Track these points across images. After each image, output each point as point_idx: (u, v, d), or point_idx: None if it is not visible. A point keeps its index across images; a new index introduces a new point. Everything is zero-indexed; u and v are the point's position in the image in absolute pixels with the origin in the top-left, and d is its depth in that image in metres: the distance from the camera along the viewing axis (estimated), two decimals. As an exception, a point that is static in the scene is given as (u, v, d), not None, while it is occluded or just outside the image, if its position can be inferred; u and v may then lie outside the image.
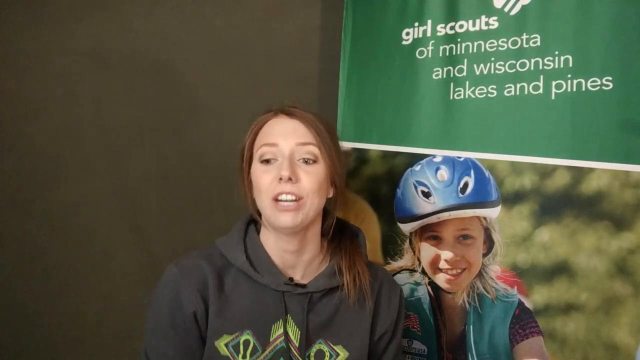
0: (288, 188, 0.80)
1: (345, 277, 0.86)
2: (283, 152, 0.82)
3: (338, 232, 0.93)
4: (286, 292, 0.84)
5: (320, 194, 0.83)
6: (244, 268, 0.84)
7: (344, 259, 0.89)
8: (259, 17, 1.48)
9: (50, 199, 1.37)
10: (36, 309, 1.36)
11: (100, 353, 1.39)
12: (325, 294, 0.87)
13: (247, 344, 0.82)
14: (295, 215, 0.80)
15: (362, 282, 0.87)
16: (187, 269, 0.83)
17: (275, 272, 0.85)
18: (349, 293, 0.86)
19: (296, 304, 0.84)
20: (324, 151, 0.83)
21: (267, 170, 0.82)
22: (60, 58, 1.39)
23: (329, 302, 0.86)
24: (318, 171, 0.83)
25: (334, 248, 0.91)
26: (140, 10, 1.43)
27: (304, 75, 1.49)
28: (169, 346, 0.81)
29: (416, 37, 1.21)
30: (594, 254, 0.97)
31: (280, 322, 0.83)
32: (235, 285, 0.84)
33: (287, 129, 0.84)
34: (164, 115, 1.44)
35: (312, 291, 0.85)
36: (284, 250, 0.86)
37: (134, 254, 1.41)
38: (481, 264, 1.07)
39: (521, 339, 1.02)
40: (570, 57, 1.02)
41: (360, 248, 0.93)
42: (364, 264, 0.90)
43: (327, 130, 0.86)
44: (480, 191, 1.08)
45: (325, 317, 0.85)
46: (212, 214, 1.44)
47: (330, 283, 0.87)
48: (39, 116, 1.37)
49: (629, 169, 0.96)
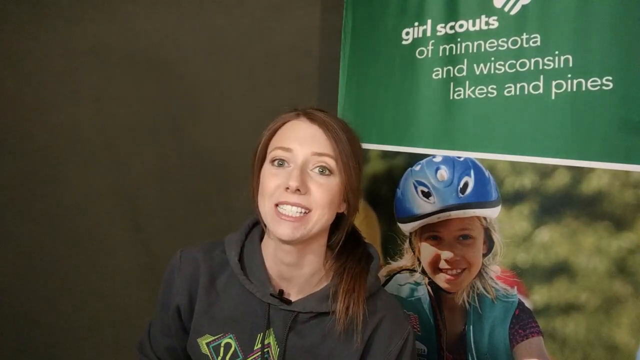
0: (293, 199, 0.74)
1: (338, 304, 0.78)
2: (296, 159, 0.77)
3: (350, 248, 0.85)
4: (272, 305, 0.80)
5: (330, 209, 0.77)
6: (235, 271, 0.82)
7: (344, 282, 0.80)
8: (259, 17, 1.48)
9: (50, 199, 1.37)
10: (36, 309, 1.36)
11: (100, 353, 1.39)
12: (315, 316, 0.80)
13: (228, 347, 0.80)
14: (296, 228, 0.74)
15: (355, 314, 0.78)
16: (185, 261, 0.84)
17: (264, 281, 0.81)
18: (338, 322, 0.78)
19: (281, 319, 0.80)
20: (341, 164, 0.77)
21: (277, 174, 0.77)
22: (60, 58, 1.39)
23: (316, 327, 0.80)
24: (331, 184, 0.77)
25: (339, 266, 0.83)
26: (140, 10, 1.43)
27: (304, 75, 1.49)
28: (162, 322, 0.87)
29: (416, 37, 1.21)
30: (594, 254, 0.97)
31: (264, 333, 0.79)
32: (228, 285, 0.82)
33: (305, 134, 0.78)
34: (164, 115, 1.45)
35: (297, 311, 0.79)
36: (281, 261, 0.80)
37: (134, 254, 1.41)
38: (481, 264, 1.07)
39: (521, 339, 1.01)
40: (570, 57, 1.02)
41: (365, 274, 0.82)
42: (363, 293, 0.80)
43: (349, 140, 0.79)
44: (480, 191, 1.08)
45: (309, 343, 0.79)
46: (212, 214, 1.44)
47: (319, 307, 0.80)
48: (39, 116, 1.37)
49: (629, 169, 0.95)
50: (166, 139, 1.45)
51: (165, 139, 1.44)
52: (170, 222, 1.43)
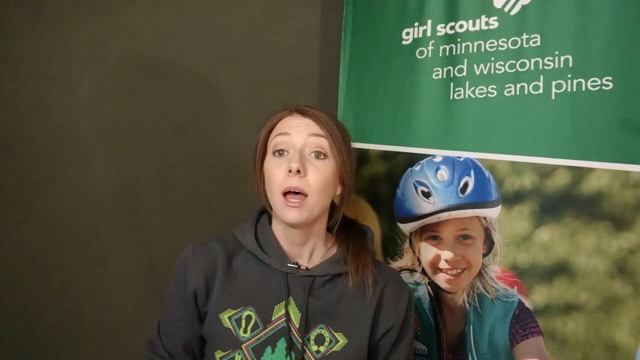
0: (295, 182, 0.84)
1: (349, 266, 0.89)
2: (295, 144, 0.86)
3: (346, 228, 0.96)
4: (290, 274, 0.88)
5: (326, 191, 0.87)
6: (252, 248, 0.90)
7: (350, 250, 0.92)
8: (259, 17, 1.48)
9: (50, 199, 1.37)
10: (36, 309, 1.36)
11: (100, 353, 1.39)
12: (329, 280, 0.90)
13: (249, 319, 0.86)
14: (300, 212, 0.84)
15: (365, 273, 0.90)
16: (199, 250, 0.90)
17: (281, 254, 0.90)
18: (352, 280, 0.89)
19: (299, 286, 0.88)
20: (334, 148, 0.87)
21: (280, 164, 0.86)
22: (60, 58, 1.39)
23: (332, 289, 0.89)
24: (327, 167, 0.87)
25: (342, 240, 0.95)
26: (140, 10, 1.43)
27: (304, 75, 1.49)
28: (174, 315, 0.90)
29: (416, 37, 1.21)
30: (594, 254, 0.97)
31: (283, 303, 0.87)
32: (244, 264, 0.90)
33: (300, 123, 0.88)
34: (164, 115, 1.45)
35: (315, 275, 0.89)
36: (291, 242, 0.91)
37: (134, 254, 1.41)
38: (481, 264, 1.07)
39: (521, 339, 1.01)
40: (570, 57, 1.02)
41: (366, 242, 0.95)
42: (369, 257, 0.93)
43: (339, 130, 0.90)
44: (480, 191, 1.08)
45: (328, 303, 0.88)
46: (212, 213, 1.44)
47: (334, 269, 0.90)
48: (39, 116, 1.38)
49: (629, 169, 0.95)
50: (166, 139, 1.44)
51: (165, 139, 1.44)
52: (170, 222, 1.43)
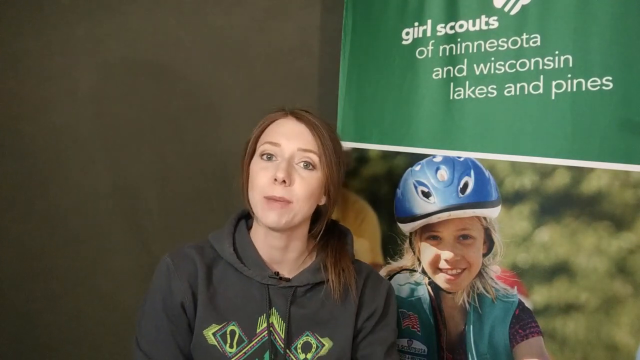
0: (280, 192, 0.82)
1: (330, 273, 0.89)
2: (284, 153, 0.85)
3: (327, 231, 0.95)
4: (271, 286, 0.87)
5: (309, 202, 0.86)
6: (231, 260, 0.87)
7: (329, 256, 0.91)
8: (259, 17, 1.48)
9: (50, 199, 1.37)
10: (36, 309, 1.36)
11: (100, 353, 1.39)
12: (310, 288, 0.89)
13: (233, 334, 0.84)
14: (280, 214, 0.82)
15: (347, 278, 0.89)
16: (179, 259, 0.87)
17: (261, 265, 0.88)
18: (333, 288, 0.88)
19: (281, 297, 0.87)
20: (324, 161, 0.86)
21: (266, 168, 0.84)
22: (60, 58, 1.39)
23: (314, 297, 0.89)
24: (313, 178, 0.85)
25: (321, 246, 0.94)
26: (140, 10, 1.43)
27: (304, 75, 1.49)
28: (161, 331, 0.84)
29: (416, 37, 1.21)
30: (594, 254, 0.97)
31: (267, 314, 0.85)
32: (223, 277, 0.87)
33: (292, 131, 0.86)
34: (164, 115, 1.44)
35: (296, 285, 0.88)
36: (272, 247, 0.89)
37: (134, 254, 1.41)
38: (481, 264, 1.07)
39: (521, 339, 1.01)
40: (570, 57, 1.02)
41: (346, 246, 0.95)
42: (349, 261, 0.92)
43: (332, 140, 0.88)
44: (480, 191, 1.08)
45: (312, 310, 0.88)
46: (212, 214, 1.44)
47: (314, 278, 0.89)
48: (39, 116, 1.37)
49: (629, 169, 0.95)
50: (166, 139, 1.44)
51: (165, 139, 1.44)
52: (170, 222, 1.43)
